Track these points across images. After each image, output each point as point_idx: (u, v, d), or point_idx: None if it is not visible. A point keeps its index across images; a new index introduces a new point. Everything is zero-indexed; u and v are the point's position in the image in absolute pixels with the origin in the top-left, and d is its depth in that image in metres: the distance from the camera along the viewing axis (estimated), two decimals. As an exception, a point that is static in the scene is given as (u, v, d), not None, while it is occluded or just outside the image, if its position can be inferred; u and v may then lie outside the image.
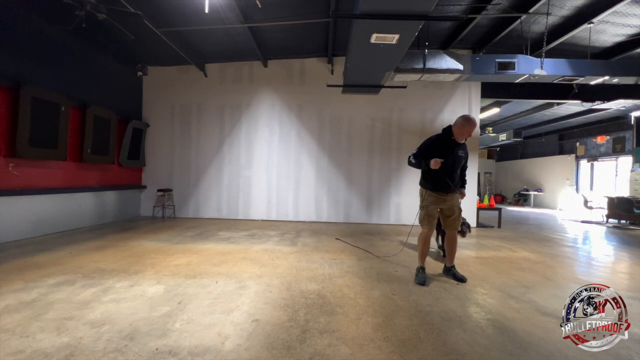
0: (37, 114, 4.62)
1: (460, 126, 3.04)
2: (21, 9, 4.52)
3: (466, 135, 3.06)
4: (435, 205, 3.14)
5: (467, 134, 3.06)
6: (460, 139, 3.09)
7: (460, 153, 3.10)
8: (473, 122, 3.03)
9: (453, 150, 3.07)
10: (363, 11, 3.52)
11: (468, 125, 3.02)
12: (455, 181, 3.12)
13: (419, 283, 3.03)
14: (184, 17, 5.31)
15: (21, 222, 4.58)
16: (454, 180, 3.09)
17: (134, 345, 1.84)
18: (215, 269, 3.40)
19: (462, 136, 3.07)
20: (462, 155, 3.13)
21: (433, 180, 3.13)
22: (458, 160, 3.11)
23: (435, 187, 3.13)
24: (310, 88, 7.25)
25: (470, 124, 3.02)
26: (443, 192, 3.10)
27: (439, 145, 3.11)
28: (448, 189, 3.08)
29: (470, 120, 3.03)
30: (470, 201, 7.21)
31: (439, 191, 3.11)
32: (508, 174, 16.53)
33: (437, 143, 3.13)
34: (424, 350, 1.88)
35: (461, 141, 3.11)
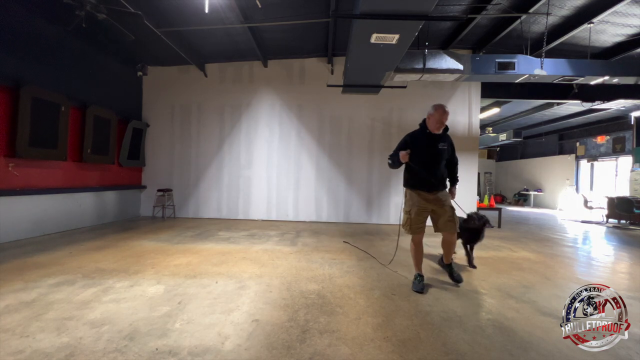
0: (37, 114, 4.62)
1: (430, 115, 2.83)
2: (21, 9, 4.52)
3: (439, 124, 2.80)
4: (421, 206, 2.89)
5: (439, 122, 2.79)
6: (435, 129, 2.83)
7: (440, 146, 2.85)
8: (440, 109, 2.79)
9: (431, 144, 2.85)
10: (363, 11, 3.52)
11: (437, 113, 2.78)
12: (439, 177, 2.88)
13: (417, 291, 2.83)
14: (184, 17, 5.31)
15: (21, 222, 4.58)
16: (436, 176, 2.86)
17: (134, 345, 1.84)
18: (215, 269, 3.40)
19: (436, 126, 2.81)
20: (443, 148, 2.87)
21: (414, 178, 2.92)
22: (438, 154, 2.87)
23: (416, 185, 2.91)
24: (310, 88, 7.25)
25: (438, 111, 2.78)
26: (426, 190, 2.87)
27: (415, 140, 2.90)
28: (431, 187, 2.85)
29: (438, 107, 2.80)
30: (470, 201, 7.21)
31: (422, 189, 2.89)
32: (508, 174, 16.53)
33: (413, 138, 2.92)
34: (424, 350, 1.88)
35: (437, 132, 2.85)
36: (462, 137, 7.26)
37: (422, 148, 2.84)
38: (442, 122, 2.78)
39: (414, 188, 2.92)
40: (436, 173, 2.86)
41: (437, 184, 2.85)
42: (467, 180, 7.25)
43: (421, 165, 2.83)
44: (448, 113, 2.81)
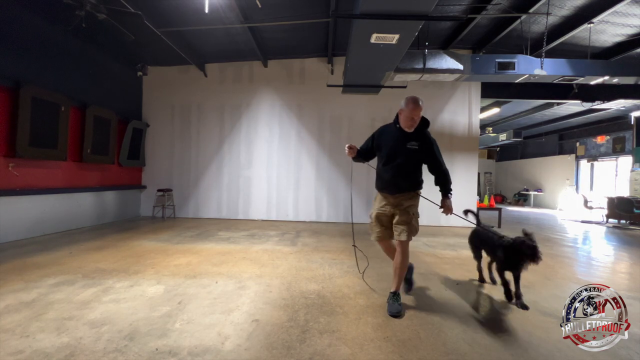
0: (37, 114, 4.62)
1: (400, 110, 2.44)
2: (21, 9, 4.52)
3: (409, 121, 2.39)
4: (380, 210, 2.57)
5: (410, 119, 2.38)
6: (406, 126, 2.42)
7: (410, 146, 2.42)
8: (411, 104, 2.36)
9: (398, 141, 2.46)
10: (363, 11, 3.52)
11: (406, 108, 2.37)
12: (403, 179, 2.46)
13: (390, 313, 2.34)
14: (184, 17, 5.31)
15: (21, 222, 4.58)
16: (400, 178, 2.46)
17: (134, 345, 1.84)
18: (215, 269, 3.40)
19: (406, 123, 2.41)
20: (413, 148, 2.42)
21: (378, 178, 2.61)
22: (405, 155, 2.44)
23: (379, 186, 2.61)
24: (310, 88, 7.25)
25: (408, 106, 2.37)
26: (388, 192, 2.53)
27: (383, 135, 2.58)
28: (393, 189, 2.49)
29: (408, 102, 2.38)
30: (470, 201, 7.20)
31: (384, 191, 2.56)
32: (508, 174, 16.53)
33: (382, 132, 2.61)
34: (424, 350, 1.88)
35: (409, 129, 2.43)
36: (462, 137, 7.26)
37: (388, 144, 2.50)
38: (413, 118, 2.37)
39: (378, 189, 2.62)
40: (400, 175, 2.45)
41: (399, 186, 2.47)
42: (467, 180, 7.26)
43: (384, 163, 2.52)
44: (421, 108, 2.37)
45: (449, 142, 7.25)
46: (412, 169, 2.48)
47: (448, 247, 4.88)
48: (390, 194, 2.51)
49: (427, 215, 7.19)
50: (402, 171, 2.45)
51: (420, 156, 2.49)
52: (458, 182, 7.23)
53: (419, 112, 2.38)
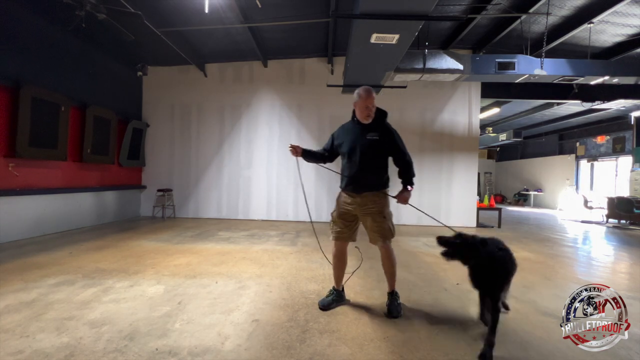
0: (37, 114, 4.62)
1: (355, 103, 2.38)
2: (21, 9, 4.52)
3: (365, 110, 2.31)
4: (342, 209, 2.43)
5: (365, 108, 2.31)
6: (363, 117, 2.35)
7: (370, 136, 2.33)
8: (364, 93, 2.32)
9: (357, 135, 2.37)
10: (363, 11, 3.53)
11: (360, 99, 2.32)
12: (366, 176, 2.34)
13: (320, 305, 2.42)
14: (184, 17, 5.31)
15: (21, 222, 4.58)
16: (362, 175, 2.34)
17: (134, 345, 1.84)
18: (215, 269, 3.40)
19: (363, 113, 2.33)
20: (373, 139, 2.32)
21: (342, 176, 2.48)
22: (366, 147, 2.32)
23: (343, 184, 2.47)
24: (310, 88, 7.25)
25: (361, 97, 2.32)
26: (351, 191, 2.39)
27: (342, 132, 2.50)
28: (359, 187, 2.35)
29: (361, 93, 2.33)
30: (470, 201, 7.21)
31: (347, 190, 2.43)
32: (508, 174, 16.53)
33: (342, 129, 2.53)
34: (424, 350, 1.88)
35: (366, 120, 2.36)
36: (462, 137, 7.27)
37: (348, 140, 2.41)
38: (368, 107, 2.30)
39: (343, 188, 2.49)
40: (363, 170, 2.33)
41: (364, 183, 2.34)
42: (467, 180, 7.26)
43: (347, 160, 2.42)
44: (373, 96, 2.32)
45: (449, 142, 7.25)
46: (375, 162, 2.36)
47: (448, 247, 4.87)
48: (356, 193, 2.37)
49: (427, 215, 7.22)
50: (365, 166, 2.33)
51: (382, 148, 2.37)
52: (458, 182, 7.24)
53: (372, 101, 2.32)
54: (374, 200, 2.35)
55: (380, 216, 2.34)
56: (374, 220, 2.34)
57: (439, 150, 7.24)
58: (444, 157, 7.24)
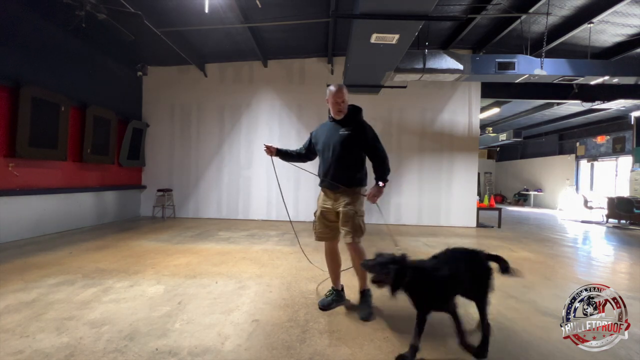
0: (37, 114, 4.62)
1: (327, 100, 2.41)
2: (21, 9, 4.52)
3: (336, 105, 2.35)
4: (323, 207, 2.45)
5: (335, 103, 2.34)
6: (335, 112, 2.39)
7: (343, 132, 2.35)
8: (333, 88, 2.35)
9: (331, 131, 2.41)
10: (363, 11, 3.52)
11: (330, 95, 2.35)
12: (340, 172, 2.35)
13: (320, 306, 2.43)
14: (184, 17, 5.31)
15: (21, 222, 4.58)
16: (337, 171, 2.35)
17: (134, 345, 1.84)
18: (215, 269, 3.40)
19: (334, 108, 2.37)
20: (345, 134, 2.34)
21: (319, 174, 2.51)
22: (339, 142, 2.33)
23: (320, 181, 2.49)
24: (310, 88, 7.25)
25: (331, 92, 2.34)
26: (328, 187, 2.41)
27: (319, 131, 2.54)
28: (331, 184, 2.37)
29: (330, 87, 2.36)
30: (470, 201, 7.21)
31: (324, 186, 2.46)
32: (508, 174, 16.53)
33: (318, 129, 2.57)
34: (424, 350, 1.88)
35: (338, 116, 2.39)
36: (462, 137, 7.27)
37: (323, 137, 2.44)
38: (337, 102, 2.33)
39: (320, 186, 2.51)
40: (337, 166, 2.34)
41: (338, 179, 2.34)
42: (467, 180, 7.26)
43: (321, 156, 2.46)
44: (343, 91, 2.34)
45: (449, 142, 7.25)
46: (348, 159, 2.35)
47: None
48: (330, 190, 2.39)
49: (427, 215, 7.23)
50: (338, 161, 2.33)
51: (354, 142, 2.35)
52: (458, 182, 7.24)
53: (342, 95, 2.33)
54: (348, 196, 2.35)
55: (351, 212, 2.31)
56: (345, 216, 2.31)
57: (439, 150, 7.24)
58: (444, 157, 7.24)
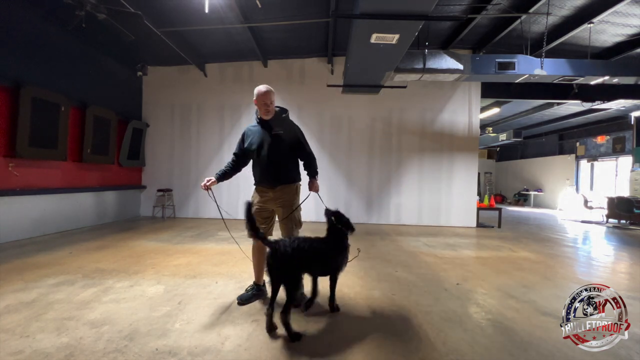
0: (37, 114, 4.62)
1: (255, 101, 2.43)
2: (21, 9, 4.52)
3: (264, 106, 2.40)
4: (259, 205, 2.51)
5: (264, 104, 2.40)
6: (263, 113, 2.43)
7: (275, 132, 2.43)
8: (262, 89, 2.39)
9: (263, 133, 2.47)
10: (363, 11, 3.52)
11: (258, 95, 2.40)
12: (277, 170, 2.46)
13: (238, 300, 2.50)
14: (184, 17, 5.31)
15: (21, 222, 4.58)
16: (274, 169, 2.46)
17: (134, 346, 1.84)
18: (215, 269, 3.40)
19: (263, 109, 2.42)
20: (278, 133, 2.43)
21: (254, 172, 2.57)
22: (273, 142, 2.43)
23: (257, 180, 2.56)
24: (310, 88, 7.25)
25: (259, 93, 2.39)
26: (267, 185, 2.49)
27: (249, 133, 2.54)
28: (272, 181, 2.47)
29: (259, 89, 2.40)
30: (471, 201, 7.21)
31: (263, 184, 2.52)
32: (508, 174, 16.53)
33: (248, 131, 2.56)
34: (424, 350, 1.88)
35: (267, 116, 2.44)
36: (462, 137, 7.27)
37: (255, 138, 2.49)
38: (266, 103, 2.39)
39: (256, 184, 2.58)
40: (273, 164, 2.45)
41: (277, 177, 2.46)
42: (467, 180, 7.26)
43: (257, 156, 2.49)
44: (270, 92, 2.40)
45: (449, 142, 7.25)
46: (283, 156, 2.48)
47: (448, 247, 4.88)
48: (270, 187, 2.49)
49: (427, 215, 7.23)
50: (273, 159, 2.45)
51: (286, 142, 2.48)
52: (458, 182, 7.24)
53: (269, 96, 2.40)
54: (287, 192, 2.51)
55: (290, 207, 2.51)
56: (284, 211, 2.49)
57: (439, 150, 7.24)
58: (444, 157, 7.24)
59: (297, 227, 2.58)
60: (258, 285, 2.64)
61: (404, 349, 1.89)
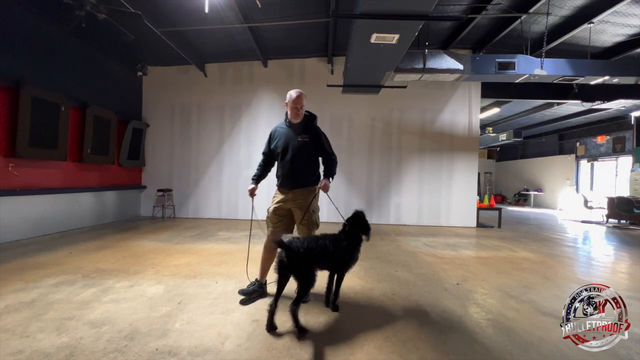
0: (37, 114, 4.62)
1: (286, 104, 2.55)
2: (21, 9, 4.52)
3: (295, 110, 2.51)
4: (277, 204, 2.64)
5: (295, 108, 2.50)
6: (293, 116, 2.55)
7: (302, 138, 2.53)
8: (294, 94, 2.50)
9: (290, 136, 2.57)
10: (363, 11, 3.52)
11: (290, 99, 2.51)
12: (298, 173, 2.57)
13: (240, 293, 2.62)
14: (184, 17, 5.31)
15: (21, 222, 4.58)
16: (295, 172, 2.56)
17: (134, 345, 1.84)
18: (215, 269, 3.40)
19: (293, 112, 2.53)
20: (304, 140, 2.53)
21: (277, 175, 2.71)
22: (298, 147, 2.53)
23: (278, 182, 2.70)
24: (310, 88, 7.23)
25: (292, 98, 2.50)
26: (286, 187, 2.62)
27: (276, 135, 2.65)
28: (291, 184, 2.58)
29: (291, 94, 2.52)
30: (471, 201, 7.21)
31: (282, 187, 2.65)
32: (508, 174, 16.53)
33: (275, 133, 2.67)
34: (424, 350, 1.88)
35: (296, 120, 2.55)
36: (462, 137, 7.27)
37: (281, 141, 2.59)
38: (297, 107, 2.50)
39: (278, 186, 2.72)
40: (295, 168, 2.55)
41: (296, 180, 2.57)
42: (467, 181, 7.26)
43: (281, 159, 2.61)
44: (302, 97, 2.50)
45: (449, 142, 7.25)
46: (306, 162, 2.58)
47: (448, 247, 4.88)
48: (288, 189, 2.60)
49: (427, 215, 7.23)
50: (296, 164, 2.55)
51: (311, 148, 2.58)
52: (458, 182, 7.24)
53: (301, 101, 2.50)
54: (304, 195, 2.58)
55: (309, 211, 2.58)
56: (302, 213, 2.56)
57: (439, 150, 7.24)
58: (444, 157, 7.24)
59: (314, 228, 2.63)
60: (260, 283, 2.70)
61: (403, 349, 1.89)
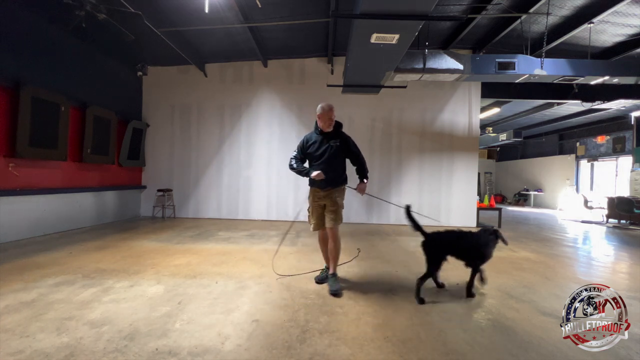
0: (37, 114, 4.62)
1: (319, 116, 2.93)
2: (21, 9, 4.52)
3: (328, 120, 2.91)
4: (314, 203, 3.02)
5: (328, 119, 2.90)
6: (326, 126, 2.94)
7: (333, 143, 2.95)
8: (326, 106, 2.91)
9: (322, 143, 2.96)
10: (363, 11, 3.52)
11: (323, 111, 2.90)
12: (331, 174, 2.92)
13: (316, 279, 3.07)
14: (184, 17, 5.31)
15: (21, 222, 4.58)
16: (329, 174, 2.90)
17: (134, 346, 1.84)
18: (215, 269, 3.40)
19: (326, 122, 2.92)
20: (334, 145, 2.95)
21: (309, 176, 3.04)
22: (330, 153, 2.94)
23: (311, 182, 3.02)
24: (310, 88, 7.25)
25: (324, 110, 2.90)
26: (318, 187, 2.97)
27: (309, 142, 3.03)
28: (323, 183, 2.92)
29: (323, 106, 2.92)
30: (471, 201, 7.21)
31: (315, 186, 2.99)
32: (508, 174, 16.53)
33: (307, 140, 3.04)
34: (424, 350, 1.88)
35: (328, 129, 2.95)
36: (462, 137, 7.27)
37: (315, 147, 2.98)
38: (330, 117, 2.91)
39: (311, 185, 3.04)
40: (329, 171, 2.91)
41: (327, 180, 2.90)
42: (467, 181, 7.26)
43: (314, 163, 2.98)
44: (333, 109, 2.94)
45: (449, 142, 7.25)
46: (336, 164, 2.99)
47: (448, 247, 4.87)
48: (321, 188, 2.95)
49: (427, 215, 7.22)
50: (328, 167, 2.92)
51: (341, 151, 3.00)
52: (458, 182, 7.24)
53: (333, 114, 2.93)
54: (335, 192, 2.98)
55: (336, 204, 2.95)
56: (330, 205, 2.94)
57: (439, 150, 7.24)
58: (444, 157, 7.24)
59: (338, 221, 2.93)
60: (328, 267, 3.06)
61: (403, 349, 1.89)
